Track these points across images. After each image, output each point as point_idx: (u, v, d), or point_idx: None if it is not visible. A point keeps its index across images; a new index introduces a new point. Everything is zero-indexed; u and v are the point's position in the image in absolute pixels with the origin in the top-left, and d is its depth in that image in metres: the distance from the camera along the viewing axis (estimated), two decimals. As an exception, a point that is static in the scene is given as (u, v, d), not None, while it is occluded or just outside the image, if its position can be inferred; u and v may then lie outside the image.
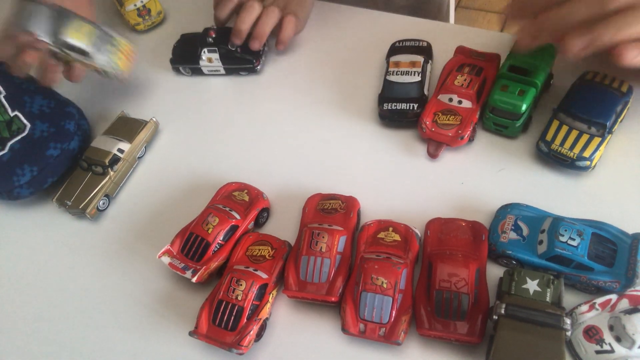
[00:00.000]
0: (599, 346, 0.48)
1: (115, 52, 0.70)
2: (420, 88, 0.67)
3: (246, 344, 0.52)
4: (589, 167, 0.59)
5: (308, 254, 0.56)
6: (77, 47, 0.66)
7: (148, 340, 0.58)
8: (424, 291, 0.53)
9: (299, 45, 0.81)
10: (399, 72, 0.68)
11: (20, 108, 0.68)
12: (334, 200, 0.61)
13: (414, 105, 0.66)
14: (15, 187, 0.66)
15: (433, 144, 0.65)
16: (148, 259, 0.63)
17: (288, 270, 0.56)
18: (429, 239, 0.58)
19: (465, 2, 2.33)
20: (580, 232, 0.52)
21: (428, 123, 0.65)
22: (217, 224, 0.59)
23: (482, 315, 0.51)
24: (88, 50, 0.67)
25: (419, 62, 0.69)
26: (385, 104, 0.67)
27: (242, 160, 0.70)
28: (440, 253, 0.55)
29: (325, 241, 0.56)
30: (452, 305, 0.51)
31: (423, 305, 0.52)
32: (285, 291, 0.55)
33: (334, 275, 0.55)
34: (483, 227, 0.57)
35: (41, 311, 0.62)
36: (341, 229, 0.57)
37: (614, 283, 0.51)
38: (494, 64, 0.68)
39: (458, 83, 0.65)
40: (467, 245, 0.56)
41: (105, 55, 0.69)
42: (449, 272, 0.52)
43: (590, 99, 0.61)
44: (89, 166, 0.68)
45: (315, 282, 0.55)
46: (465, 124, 0.63)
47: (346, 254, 0.57)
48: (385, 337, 0.51)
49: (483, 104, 0.65)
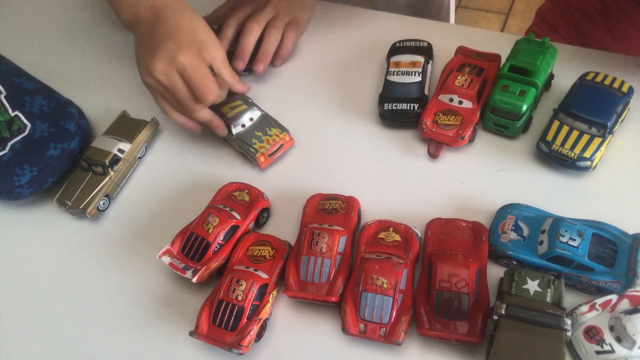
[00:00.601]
0: (599, 346, 0.48)
1: (261, 138, 0.67)
2: (420, 88, 0.67)
3: (246, 344, 0.52)
4: (590, 168, 0.59)
5: (308, 254, 0.56)
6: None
7: (148, 340, 0.58)
8: (424, 291, 0.53)
9: (300, 46, 0.81)
10: (399, 72, 0.68)
11: (21, 108, 0.68)
12: (335, 201, 0.61)
13: (415, 106, 0.66)
14: (16, 187, 0.66)
15: (433, 144, 0.65)
16: (148, 259, 0.63)
17: (288, 271, 0.56)
18: (429, 239, 0.58)
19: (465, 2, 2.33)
20: (581, 233, 0.52)
21: (428, 123, 0.65)
22: (217, 224, 0.59)
23: (482, 316, 0.51)
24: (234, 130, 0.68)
25: (420, 62, 0.69)
26: (385, 104, 0.67)
27: (242, 160, 0.70)
28: (440, 253, 0.55)
29: (326, 241, 0.56)
30: (452, 305, 0.51)
31: (423, 305, 0.52)
32: (286, 291, 0.55)
33: (335, 275, 0.55)
34: (483, 228, 0.57)
35: (41, 311, 0.62)
36: (341, 229, 0.57)
37: (614, 283, 0.51)
38: (495, 64, 0.68)
39: (459, 83, 0.65)
40: (467, 245, 0.56)
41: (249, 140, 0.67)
42: (449, 272, 0.52)
43: (591, 99, 0.61)
44: (89, 166, 0.68)
45: (315, 282, 0.55)
46: (465, 124, 0.63)
47: (346, 254, 0.57)
48: (386, 337, 0.51)
49: (483, 104, 0.65)
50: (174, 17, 0.61)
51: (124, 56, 0.85)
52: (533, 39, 0.65)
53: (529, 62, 0.63)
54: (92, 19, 0.91)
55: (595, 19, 0.87)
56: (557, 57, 0.66)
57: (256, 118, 0.69)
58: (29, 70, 0.76)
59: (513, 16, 2.24)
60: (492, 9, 2.28)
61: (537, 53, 0.63)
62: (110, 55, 0.85)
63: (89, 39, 0.88)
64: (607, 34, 0.86)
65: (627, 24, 0.83)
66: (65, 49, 0.87)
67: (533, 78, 0.62)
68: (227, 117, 0.68)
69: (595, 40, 0.88)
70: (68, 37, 0.89)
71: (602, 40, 0.87)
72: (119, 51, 0.85)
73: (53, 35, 0.90)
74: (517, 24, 2.20)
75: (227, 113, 0.68)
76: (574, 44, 0.90)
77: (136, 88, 0.80)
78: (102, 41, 0.87)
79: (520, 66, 0.63)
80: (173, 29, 0.60)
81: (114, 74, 0.83)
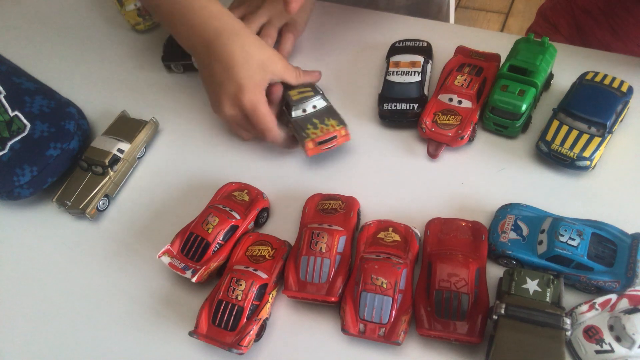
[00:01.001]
0: (598, 346, 0.48)
1: (317, 126, 0.66)
2: (420, 88, 0.67)
3: (246, 344, 0.52)
4: (589, 167, 0.59)
5: (308, 254, 0.56)
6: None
7: (148, 340, 0.58)
8: (423, 291, 0.53)
9: (299, 46, 0.81)
10: (399, 72, 0.68)
11: (20, 108, 0.68)
12: (334, 201, 0.61)
13: (414, 105, 0.66)
14: (15, 187, 0.66)
15: (433, 144, 0.65)
16: (148, 259, 0.63)
17: (288, 271, 0.56)
18: (429, 239, 0.58)
19: (465, 2, 2.33)
20: (580, 232, 0.52)
21: (428, 123, 0.65)
22: (217, 224, 0.59)
23: (482, 315, 0.51)
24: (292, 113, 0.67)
25: (419, 62, 0.69)
26: (385, 104, 0.67)
27: (242, 160, 0.70)
28: (440, 253, 0.55)
29: (325, 241, 0.56)
30: (452, 305, 0.51)
31: (423, 305, 0.52)
32: (285, 291, 0.55)
33: (334, 275, 0.55)
34: (483, 227, 0.57)
35: (41, 311, 0.62)
36: (341, 229, 0.57)
37: (613, 283, 0.51)
38: (494, 64, 0.68)
39: (458, 83, 0.65)
40: (467, 245, 0.56)
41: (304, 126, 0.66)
42: (449, 272, 0.52)
43: (591, 99, 0.61)
44: (89, 166, 0.68)
45: (315, 283, 0.55)
46: (465, 124, 0.63)
47: (346, 254, 0.57)
48: (385, 337, 0.51)
49: (483, 104, 0.65)
50: (225, 50, 0.63)
51: (124, 56, 0.85)
52: (532, 38, 0.65)
53: (529, 62, 0.63)
54: (92, 19, 0.91)
55: (597, 18, 0.86)
56: (557, 56, 0.66)
57: (319, 107, 0.68)
58: (29, 70, 0.76)
59: (513, 16, 2.24)
60: (492, 8, 2.28)
61: (537, 53, 0.63)
62: (110, 55, 0.85)
63: (89, 39, 0.88)
64: (609, 33, 0.86)
65: (629, 23, 0.83)
66: (65, 49, 0.87)
67: (532, 78, 0.62)
68: (292, 99, 0.68)
69: (597, 39, 0.87)
70: (68, 37, 0.89)
71: (605, 38, 0.86)
72: (119, 51, 0.85)
73: (53, 35, 0.90)
74: (516, 23, 2.20)
75: (293, 96, 0.68)
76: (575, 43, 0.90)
77: (136, 88, 0.80)
78: (102, 41, 0.88)
79: (520, 66, 0.63)
80: (228, 66, 0.63)
81: (114, 74, 0.83)
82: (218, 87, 0.65)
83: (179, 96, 0.78)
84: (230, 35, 0.64)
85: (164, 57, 0.80)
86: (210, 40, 0.64)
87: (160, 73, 0.81)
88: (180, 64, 0.79)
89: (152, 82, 0.81)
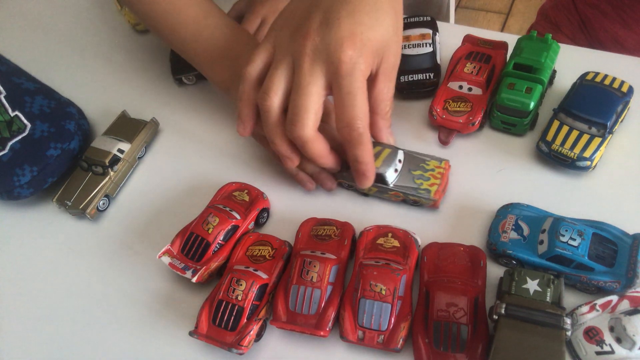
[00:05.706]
0: (599, 347, 0.48)
1: (425, 176, 0.59)
2: (433, 57, 0.69)
3: (246, 344, 0.52)
4: (590, 167, 0.59)
5: (298, 282, 0.54)
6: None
7: (148, 340, 0.58)
8: (421, 321, 0.52)
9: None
10: (410, 45, 0.70)
11: (21, 108, 0.68)
12: (329, 226, 0.60)
13: (430, 75, 0.67)
14: (15, 187, 0.66)
15: (444, 131, 0.65)
16: (148, 259, 0.63)
17: (277, 299, 0.54)
18: (426, 265, 0.56)
19: (465, 2, 2.33)
20: (581, 232, 0.52)
21: (439, 110, 0.65)
22: (217, 224, 0.59)
23: (482, 346, 0.49)
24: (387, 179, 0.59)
25: (429, 34, 0.71)
26: (401, 76, 0.68)
27: (242, 160, 0.70)
28: (437, 281, 0.53)
29: (317, 270, 0.54)
30: (450, 336, 0.50)
31: (421, 336, 0.51)
32: (274, 322, 0.54)
33: (325, 306, 0.53)
34: (481, 253, 0.56)
35: (41, 311, 0.62)
36: (334, 257, 0.56)
37: (614, 283, 0.51)
38: (502, 52, 0.68)
39: (467, 70, 0.66)
40: (465, 272, 0.54)
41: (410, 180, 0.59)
42: (447, 302, 0.51)
43: (591, 99, 0.61)
44: (89, 166, 0.68)
45: (304, 314, 0.53)
46: (475, 111, 0.64)
47: (338, 284, 0.55)
48: (384, 344, 0.51)
49: (492, 91, 0.65)
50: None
51: (124, 56, 0.85)
52: (535, 36, 0.65)
53: (534, 59, 0.63)
54: (92, 19, 0.91)
55: (606, 11, 0.85)
56: (558, 57, 0.66)
57: (403, 158, 0.61)
58: (28, 70, 0.76)
59: (513, 16, 2.24)
60: (492, 8, 2.28)
61: (541, 50, 0.63)
62: (110, 55, 0.85)
63: (89, 39, 0.88)
64: (620, 25, 0.85)
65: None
66: (65, 48, 0.87)
67: (538, 75, 0.62)
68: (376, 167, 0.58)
69: (606, 33, 0.86)
70: (68, 37, 0.89)
71: (615, 31, 0.85)
72: (119, 51, 0.85)
73: (53, 35, 0.90)
74: (517, 23, 2.20)
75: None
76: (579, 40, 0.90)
77: (136, 88, 0.80)
78: (102, 41, 0.88)
79: (525, 63, 0.63)
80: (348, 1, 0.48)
81: (114, 74, 0.83)
82: (303, 19, 0.45)
83: (180, 96, 0.78)
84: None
85: (174, 71, 0.77)
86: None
87: (161, 73, 0.81)
88: (193, 75, 0.77)
89: (152, 81, 0.81)
